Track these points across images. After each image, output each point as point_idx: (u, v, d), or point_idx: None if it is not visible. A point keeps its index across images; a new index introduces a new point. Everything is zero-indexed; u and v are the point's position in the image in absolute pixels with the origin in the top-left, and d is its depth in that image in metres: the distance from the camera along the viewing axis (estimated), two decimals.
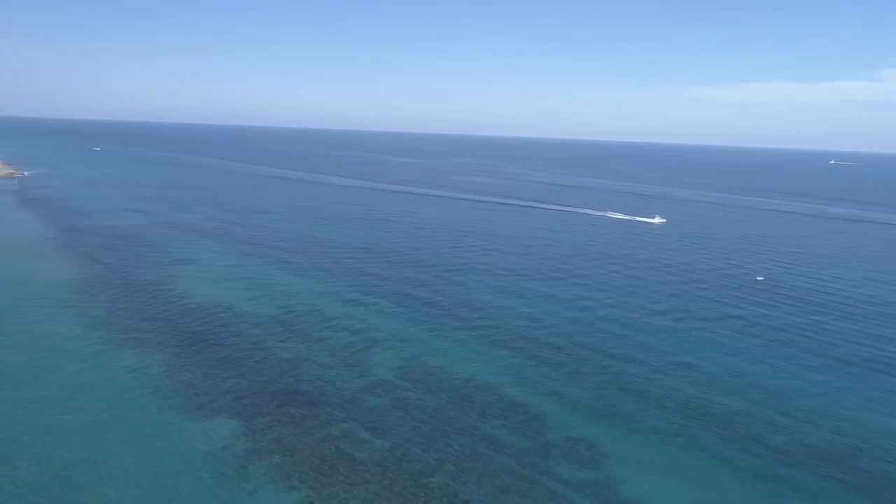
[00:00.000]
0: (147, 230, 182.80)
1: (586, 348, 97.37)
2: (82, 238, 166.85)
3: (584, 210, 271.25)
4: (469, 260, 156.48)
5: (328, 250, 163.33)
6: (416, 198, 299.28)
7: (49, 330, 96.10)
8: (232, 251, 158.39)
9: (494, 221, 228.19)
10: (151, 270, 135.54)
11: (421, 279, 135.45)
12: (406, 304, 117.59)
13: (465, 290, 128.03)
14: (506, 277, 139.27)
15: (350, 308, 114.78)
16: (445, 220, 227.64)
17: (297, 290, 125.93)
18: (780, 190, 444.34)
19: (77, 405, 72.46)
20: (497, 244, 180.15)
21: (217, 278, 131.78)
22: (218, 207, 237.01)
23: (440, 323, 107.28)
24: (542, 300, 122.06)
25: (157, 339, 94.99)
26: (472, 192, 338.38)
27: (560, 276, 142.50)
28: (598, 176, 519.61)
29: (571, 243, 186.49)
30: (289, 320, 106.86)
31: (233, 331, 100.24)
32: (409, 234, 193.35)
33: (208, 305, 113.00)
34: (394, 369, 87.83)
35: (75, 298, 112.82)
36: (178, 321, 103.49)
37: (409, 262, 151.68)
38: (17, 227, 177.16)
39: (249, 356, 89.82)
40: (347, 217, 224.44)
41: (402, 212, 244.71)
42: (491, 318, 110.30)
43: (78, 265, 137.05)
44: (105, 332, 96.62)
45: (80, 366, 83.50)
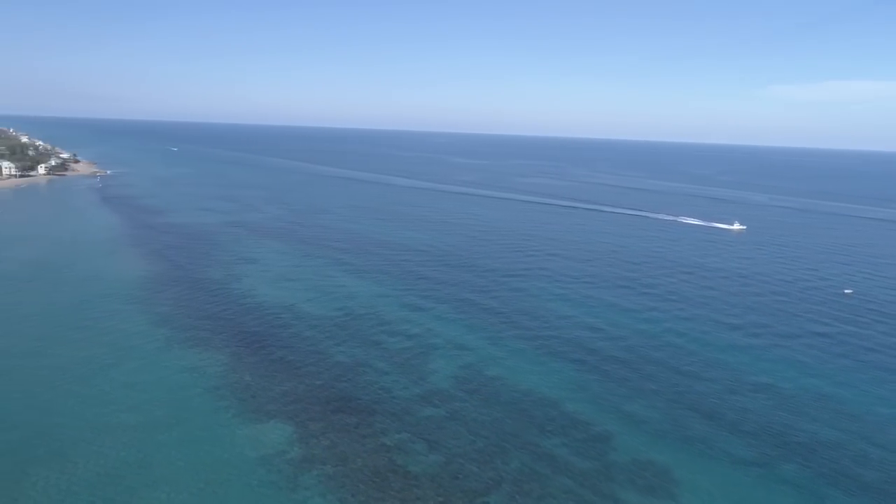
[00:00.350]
0: (215, 228, 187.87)
1: (654, 363, 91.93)
2: (154, 235, 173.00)
3: (654, 214, 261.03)
4: (531, 265, 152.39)
5: (388, 252, 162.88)
6: (478, 199, 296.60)
7: (115, 326, 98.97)
8: (294, 251, 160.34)
9: (558, 225, 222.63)
10: (217, 269, 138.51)
11: (480, 284, 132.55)
12: (464, 309, 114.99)
13: (525, 296, 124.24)
14: (569, 284, 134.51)
15: (408, 311, 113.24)
16: (507, 222, 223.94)
17: (356, 291, 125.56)
18: (870, 195, 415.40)
19: (135, 403, 73.60)
20: (560, 249, 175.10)
21: (279, 278, 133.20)
22: (283, 207, 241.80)
23: (499, 330, 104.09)
24: (607, 310, 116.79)
25: (219, 338, 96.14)
26: (536, 193, 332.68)
27: (627, 284, 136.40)
28: (667, 178, 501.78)
29: (639, 249, 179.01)
30: (347, 322, 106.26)
31: (292, 332, 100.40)
32: (470, 236, 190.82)
33: (269, 305, 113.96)
34: (450, 378, 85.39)
35: (143, 295, 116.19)
36: (240, 320, 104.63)
37: (468, 266, 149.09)
38: (95, 224, 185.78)
39: (307, 359, 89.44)
40: (408, 218, 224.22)
41: (463, 213, 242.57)
42: (552, 328, 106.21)
43: (148, 262, 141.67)
44: (168, 329, 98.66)
45: (142, 363, 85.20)
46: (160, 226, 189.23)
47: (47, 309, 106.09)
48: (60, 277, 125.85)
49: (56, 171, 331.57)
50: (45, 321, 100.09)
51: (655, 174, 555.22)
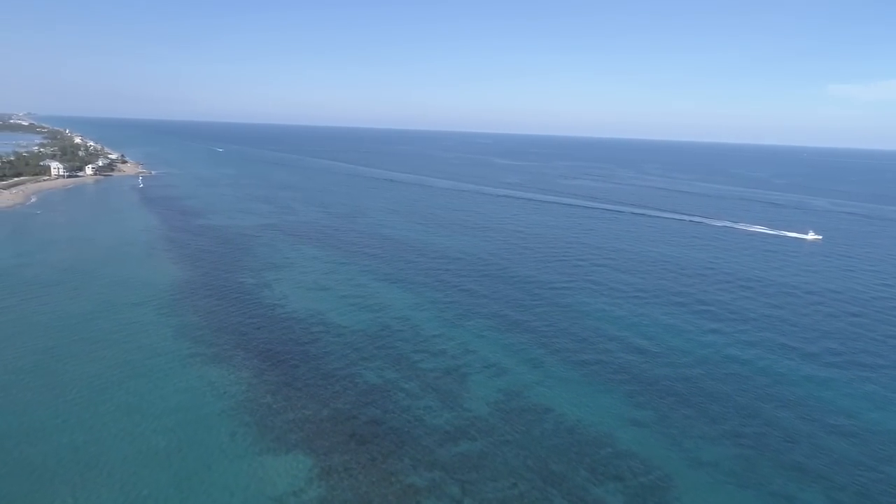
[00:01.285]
0: (252, 231, 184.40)
1: (717, 396, 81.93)
2: (190, 238, 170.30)
3: (709, 220, 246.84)
4: (576, 276, 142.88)
5: (426, 259, 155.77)
6: (521, 203, 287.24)
7: (143, 335, 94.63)
8: (329, 256, 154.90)
9: (604, 231, 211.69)
10: (249, 274, 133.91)
11: (521, 298, 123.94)
12: (504, 326, 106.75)
13: (570, 313, 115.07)
14: (618, 299, 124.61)
15: (445, 327, 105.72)
16: (550, 228, 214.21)
17: (391, 302, 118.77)
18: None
19: (153, 426, 68.21)
20: (608, 258, 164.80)
21: (311, 285, 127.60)
22: (321, 209, 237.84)
23: (542, 352, 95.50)
24: (662, 331, 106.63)
25: (245, 352, 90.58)
26: (580, 196, 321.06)
27: (682, 300, 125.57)
28: (721, 182, 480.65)
29: (695, 260, 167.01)
30: (380, 337, 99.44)
31: (322, 347, 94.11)
32: (511, 243, 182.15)
33: (300, 316, 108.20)
34: (489, 405, 77.47)
35: (173, 302, 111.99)
36: (269, 333, 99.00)
37: (508, 277, 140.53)
38: (132, 226, 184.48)
39: (334, 377, 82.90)
40: (448, 223, 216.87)
41: (506, 218, 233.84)
42: (601, 350, 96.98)
43: (182, 267, 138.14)
44: (194, 341, 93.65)
45: (165, 378, 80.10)
46: (197, 228, 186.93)
47: (64, 317, 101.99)
48: (87, 282, 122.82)
49: (103, 172, 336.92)
50: (58, 331, 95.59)
51: (707, 177, 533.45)
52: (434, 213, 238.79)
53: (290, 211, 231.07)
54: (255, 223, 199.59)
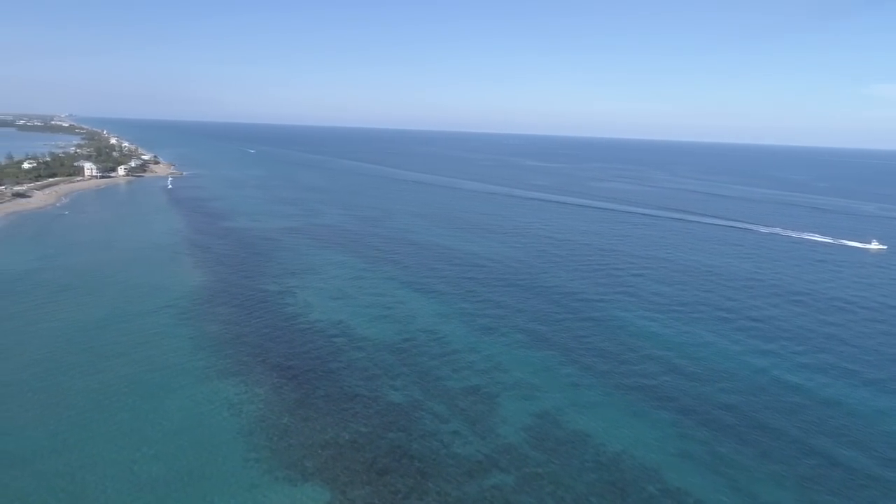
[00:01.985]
0: (277, 234, 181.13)
1: (772, 428, 74.40)
2: (215, 241, 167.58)
3: (753, 226, 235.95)
4: (611, 287, 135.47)
5: (452, 266, 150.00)
6: (553, 206, 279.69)
7: (156, 346, 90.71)
8: (355, 262, 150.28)
9: (640, 237, 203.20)
10: (272, 280, 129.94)
11: (555, 311, 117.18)
12: (537, 341, 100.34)
13: (607, 329, 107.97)
14: (658, 314, 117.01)
15: (474, 340, 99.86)
16: (583, 233, 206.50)
17: (418, 311, 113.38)
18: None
19: (158, 450, 63.70)
20: (645, 267, 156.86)
21: (336, 293, 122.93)
22: (346, 211, 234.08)
23: (578, 372, 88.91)
24: (707, 351, 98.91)
25: (263, 366, 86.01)
26: (614, 200, 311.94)
27: (728, 315, 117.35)
28: (759, 185, 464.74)
29: (740, 270, 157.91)
30: (406, 350, 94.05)
31: (344, 361, 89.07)
32: (543, 250, 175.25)
33: (323, 326, 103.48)
34: (523, 431, 71.37)
35: (192, 309, 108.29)
36: (289, 344, 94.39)
37: (541, 287, 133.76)
38: (158, 228, 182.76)
39: (356, 397, 77.72)
40: (476, 227, 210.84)
41: (537, 222, 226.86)
42: (641, 372, 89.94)
43: (204, 271, 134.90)
44: (211, 352, 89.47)
45: (175, 394, 75.83)
46: (222, 230, 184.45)
47: (74, 326, 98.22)
48: (103, 287, 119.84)
49: (135, 173, 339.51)
50: (65, 341, 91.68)
51: (745, 179, 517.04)
52: (461, 217, 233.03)
53: (316, 213, 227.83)
54: (281, 226, 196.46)
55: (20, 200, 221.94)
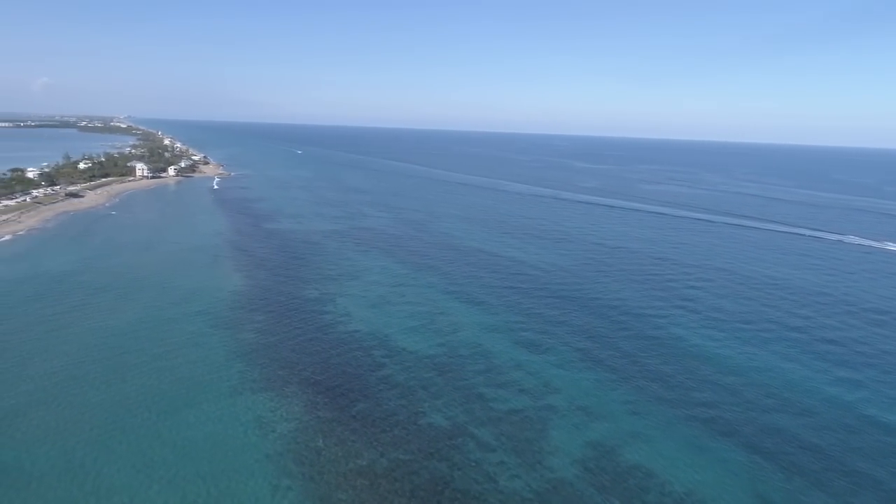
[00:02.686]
0: (320, 237, 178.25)
1: (862, 476, 65.50)
2: (257, 243, 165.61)
3: (823, 234, 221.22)
4: (668, 301, 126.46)
5: (499, 275, 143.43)
6: (603, 210, 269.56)
7: (188, 355, 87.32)
8: (397, 268, 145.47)
9: (698, 245, 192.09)
10: (313, 286, 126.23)
11: (608, 326, 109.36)
12: (590, 361, 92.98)
13: (664, 347, 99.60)
14: (720, 332, 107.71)
15: (522, 355, 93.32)
16: (636, 240, 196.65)
17: (463, 322, 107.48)
18: None
19: (182, 473, 59.64)
20: (704, 278, 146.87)
21: (378, 301, 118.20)
22: (393, 214, 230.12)
23: (635, 395, 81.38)
24: (779, 377, 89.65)
25: (298, 379, 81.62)
26: (667, 203, 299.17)
27: (800, 336, 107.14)
28: (822, 188, 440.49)
29: (811, 283, 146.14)
30: (448, 366, 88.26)
31: (383, 376, 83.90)
32: (593, 258, 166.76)
33: (363, 336, 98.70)
34: (576, 463, 64.60)
35: (230, 316, 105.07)
36: (326, 356, 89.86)
37: (592, 299, 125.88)
38: (202, 230, 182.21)
39: (395, 418, 72.35)
40: (523, 232, 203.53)
41: (586, 227, 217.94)
42: (706, 399, 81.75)
43: (244, 275, 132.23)
44: (246, 364, 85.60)
45: (206, 410, 71.88)
46: (265, 232, 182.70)
47: (104, 331, 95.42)
48: (140, 291, 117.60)
49: (184, 173, 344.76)
50: (92, 348, 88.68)
51: (807, 183, 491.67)
52: (506, 221, 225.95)
53: (359, 215, 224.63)
54: (324, 228, 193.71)
55: (73, 200, 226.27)
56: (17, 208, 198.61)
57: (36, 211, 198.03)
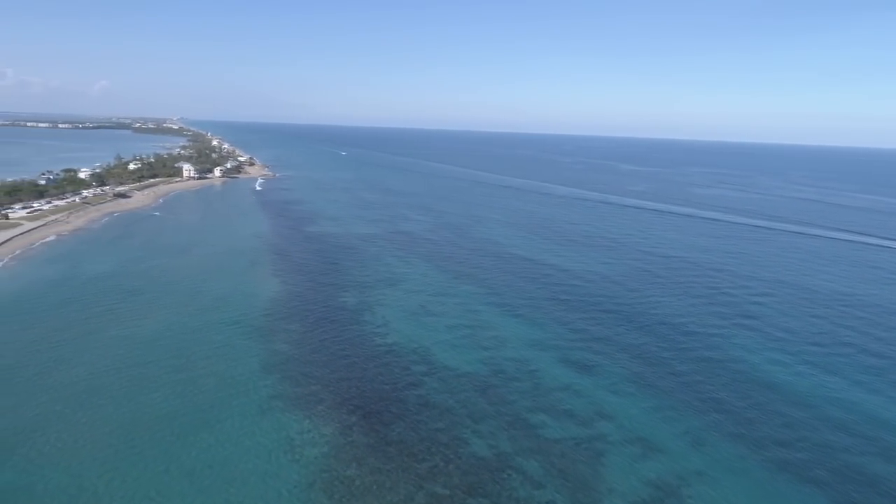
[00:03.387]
0: (360, 241, 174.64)
1: None
2: (297, 247, 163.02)
3: (893, 243, 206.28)
4: (727, 318, 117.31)
5: (546, 285, 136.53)
6: (652, 215, 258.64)
7: (221, 369, 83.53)
8: (440, 275, 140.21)
9: (758, 254, 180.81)
10: (352, 293, 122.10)
11: (663, 346, 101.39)
12: (646, 384, 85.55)
13: (727, 372, 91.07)
14: (788, 356, 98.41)
15: (570, 376, 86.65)
16: (690, 248, 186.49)
17: (507, 337, 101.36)
18: None
19: (213, 498, 55.39)
20: (766, 292, 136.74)
21: (418, 310, 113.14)
22: (435, 218, 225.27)
23: (699, 426, 73.77)
24: (862, 412, 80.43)
25: (334, 397, 77.02)
26: (720, 209, 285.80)
27: (881, 363, 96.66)
28: (887, 193, 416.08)
29: (885, 299, 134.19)
30: (493, 387, 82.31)
31: (422, 396, 78.56)
32: (644, 267, 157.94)
33: (401, 351, 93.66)
34: None
35: (264, 326, 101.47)
36: (363, 371, 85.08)
37: (645, 314, 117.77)
38: (242, 232, 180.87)
39: (435, 446, 66.81)
40: (570, 238, 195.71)
41: (636, 233, 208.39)
42: (779, 436, 73.52)
43: (282, 281, 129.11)
44: (278, 378, 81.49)
45: (233, 430, 67.71)
46: (306, 235, 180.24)
47: (129, 339, 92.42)
48: (173, 295, 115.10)
49: (230, 174, 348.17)
50: (116, 358, 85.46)
51: (871, 188, 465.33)
52: (552, 226, 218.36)
53: (401, 219, 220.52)
54: (364, 232, 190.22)
55: (120, 201, 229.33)
56: (67, 208, 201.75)
57: (84, 211, 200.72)
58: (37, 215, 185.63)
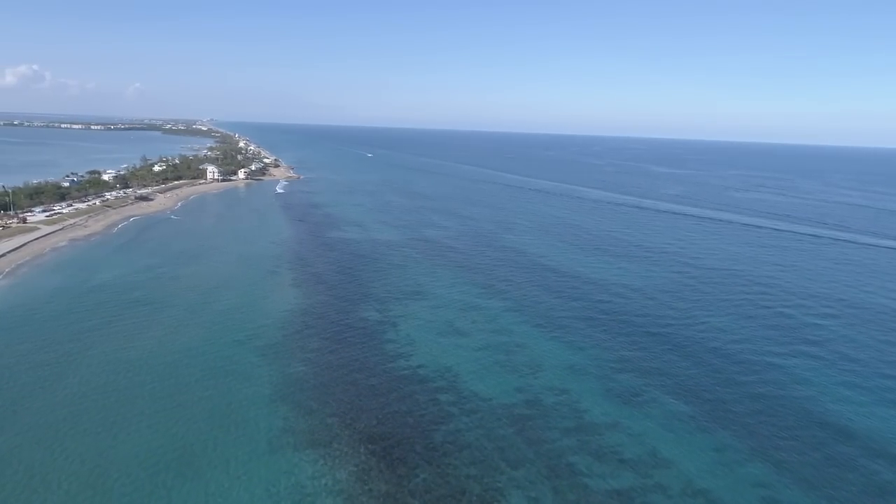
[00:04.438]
0: (385, 248, 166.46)
1: None
2: (319, 254, 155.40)
3: None
4: (786, 341, 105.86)
5: (584, 299, 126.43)
6: (691, 221, 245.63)
7: (227, 396, 75.66)
8: (468, 287, 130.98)
9: (809, 265, 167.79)
10: (375, 307, 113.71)
11: (718, 374, 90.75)
12: (704, 419, 75.27)
13: (795, 409, 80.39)
14: (865, 389, 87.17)
15: (618, 410, 76.76)
16: (735, 258, 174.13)
17: (543, 360, 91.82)
18: None
19: None
20: (828, 312, 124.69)
21: (445, 329, 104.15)
22: (462, 223, 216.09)
23: (770, 478, 63.41)
24: None
25: (351, 432, 68.48)
26: (762, 214, 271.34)
27: None
28: None
29: None
30: (529, 421, 72.94)
31: (451, 433, 69.50)
32: (687, 282, 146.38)
33: (427, 374, 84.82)
34: None
35: (280, 344, 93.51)
36: (385, 400, 76.46)
37: (692, 335, 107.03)
38: (262, 238, 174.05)
39: (465, 497, 57.73)
40: (607, 246, 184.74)
41: (675, 242, 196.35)
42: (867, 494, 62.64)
43: (302, 292, 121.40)
44: (291, 409, 73.26)
45: (235, 475, 59.41)
46: (328, 242, 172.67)
47: (125, 359, 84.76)
48: (183, 308, 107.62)
49: (254, 176, 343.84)
50: (103, 384, 77.37)
51: None
52: (588, 234, 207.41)
53: (429, 224, 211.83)
54: (390, 238, 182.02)
55: (141, 204, 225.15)
56: (87, 212, 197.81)
57: (103, 215, 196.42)
58: (55, 219, 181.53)
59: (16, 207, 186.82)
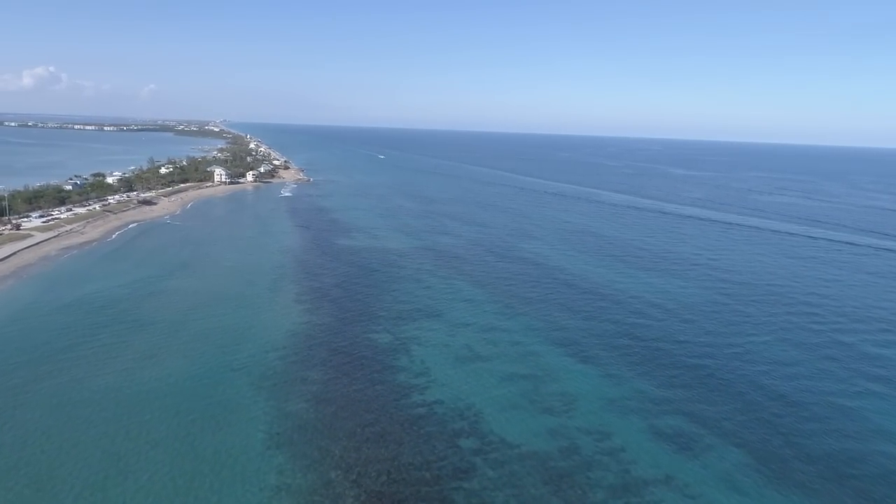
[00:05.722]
0: (396, 257, 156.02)
1: None
2: (325, 265, 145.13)
3: None
4: (847, 376, 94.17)
5: (614, 318, 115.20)
6: (717, 227, 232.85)
7: (221, 439, 65.44)
8: (487, 303, 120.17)
9: (856, 280, 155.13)
10: (385, 327, 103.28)
11: (776, 412, 79.71)
12: (768, 474, 63.91)
13: (877, 462, 68.97)
14: None
15: (670, 460, 65.66)
16: (772, 270, 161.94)
17: (577, 394, 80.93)
18: None
19: None
20: (888, 338, 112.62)
21: (464, 353, 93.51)
22: (478, 231, 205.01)
23: None
24: None
25: (356, 494, 57.97)
26: (791, 219, 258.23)
27: None
28: None
29: None
30: (567, 475, 62.11)
31: (473, 493, 58.83)
32: (722, 300, 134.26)
33: (445, 413, 74.19)
34: None
35: (280, 373, 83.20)
36: (398, 448, 65.94)
37: (741, 366, 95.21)
38: (266, 248, 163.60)
39: None
40: (632, 256, 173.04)
41: (705, 251, 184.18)
42: None
43: (306, 310, 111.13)
44: (290, 458, 62.90)
45: None
46: (336, 250, 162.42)
47: (106, 395, 74.84)
48: (174, 330, 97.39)
49: (263, 178, 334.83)
50: (80, 424, 67.85)
51: None
52: (611, 241, 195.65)
53: (443, 231, 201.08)
54: (402, 246, 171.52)
55: (144, 208, 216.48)
56: (86, 217, 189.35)
57: (103, 220, 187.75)
58: (52, 225, 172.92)
59: (12, 212, 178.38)
